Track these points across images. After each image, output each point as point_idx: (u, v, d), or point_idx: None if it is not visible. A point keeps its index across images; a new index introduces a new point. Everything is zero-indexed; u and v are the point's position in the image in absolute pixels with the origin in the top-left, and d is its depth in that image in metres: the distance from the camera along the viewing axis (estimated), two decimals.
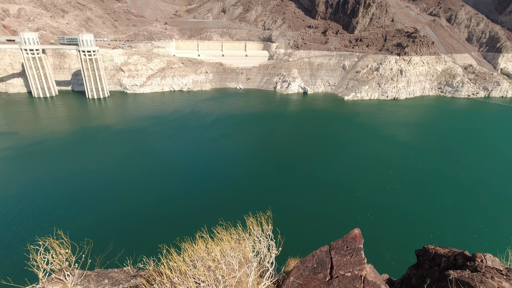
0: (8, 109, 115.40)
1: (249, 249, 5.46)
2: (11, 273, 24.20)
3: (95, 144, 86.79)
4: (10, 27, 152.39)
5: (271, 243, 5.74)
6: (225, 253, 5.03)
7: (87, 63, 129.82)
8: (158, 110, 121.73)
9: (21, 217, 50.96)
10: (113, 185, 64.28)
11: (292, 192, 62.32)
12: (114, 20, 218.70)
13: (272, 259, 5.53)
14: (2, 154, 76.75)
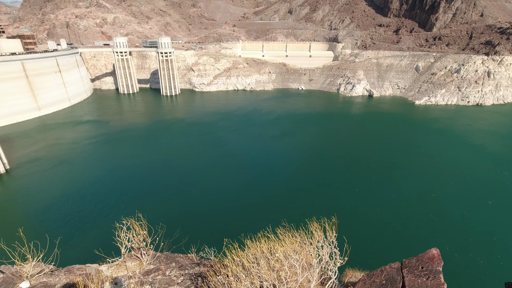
0: (101, 103, 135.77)
1: (312, 255, 5.38)
2: (102, 246, 28.23)
3: (170, 134, 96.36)
4: (107, 33, 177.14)
5: (334, 250, 5.56)
6: (288, 255, 5.04)
7: (164, 63, 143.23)
8: (223, 107, 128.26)
9: (110, 197, 58.79)
10: (185, 173, 69.72)
11: (359, 199, 58.92)
12: (189, 24, 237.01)
13: (335, 268, 5.35)
14: (98, 139, 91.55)
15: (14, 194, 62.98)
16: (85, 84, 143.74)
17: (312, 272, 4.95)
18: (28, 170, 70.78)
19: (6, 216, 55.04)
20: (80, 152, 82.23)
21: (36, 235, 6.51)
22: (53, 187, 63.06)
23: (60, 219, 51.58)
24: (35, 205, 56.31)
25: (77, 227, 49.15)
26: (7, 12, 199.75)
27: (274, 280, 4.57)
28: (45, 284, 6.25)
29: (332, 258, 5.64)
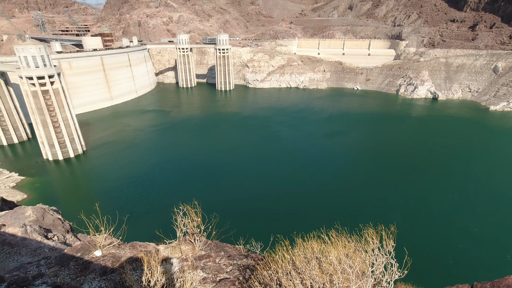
0: (163, 95, 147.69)
1: (367, 263, 5.13)
2: (161, 227, 31.16)
3: (226, 127, 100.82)
4: (172, 31, 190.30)
5: (391, 261, 5.22)
6: (341, 260, 4.89)
7: (220, 59, 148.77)
8: (275, 104, 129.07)
9: (170, 182, 63.70)
10: (240, 166, 72.02)
11: (420, 208, 54.37)
12: (247, 21, 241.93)
13: (392, 280, 5.02)
14: (161, 127, 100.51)
15: (90, 172, 72.30)
16: (150, 78, 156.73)
17: (365, 282, 4.73)
18: (100, 152, 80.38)
19: (84, 191, 63.33)
20: (145, 138, 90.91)
21: (108, 211, 7.37)
22: (121, 168, 70.72)
23: (127, 198, 57.36)
24: (107, 183, 63.65)
25: (141, 207, 54.06)
26: (92, 13, 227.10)
27: (326, 284, 4.47)
28: (113, 255, 7.01)
29: (387, 269, 5.31)
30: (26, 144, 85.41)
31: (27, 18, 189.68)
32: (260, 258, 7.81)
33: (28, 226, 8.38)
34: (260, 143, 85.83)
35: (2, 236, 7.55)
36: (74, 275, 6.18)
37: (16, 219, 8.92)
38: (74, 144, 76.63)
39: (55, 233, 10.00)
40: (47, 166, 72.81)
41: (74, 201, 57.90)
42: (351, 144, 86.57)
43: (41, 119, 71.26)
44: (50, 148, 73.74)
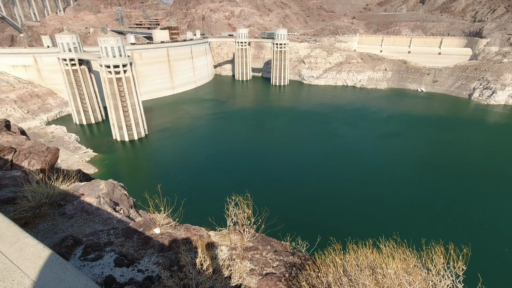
0: (219, 86, 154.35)
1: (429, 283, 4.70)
2: (213, 213, 32.66)
3: (282, 120, 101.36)
4: (232, 25, 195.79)
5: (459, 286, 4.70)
6: (400, 274, 4.55)
7: (277, 54, 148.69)
8: (330, 101, 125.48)
9: (225, 171, 66.13)
10: (295, 161, 71.26)
11: (501, 229, 48.12)
12: (307, 16, 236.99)
13: None
14: (217, 115, 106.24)
15: (150, 153, 79.42)
16: (209, 70, 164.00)
17: None
18: (161, 136, 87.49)
19: (145, 171, 69.65)
20: (202, 125, 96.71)
21: (167, 192, 7.93)
22: (179, 153, 75.99)
23: (184, 181, 61.13)
24: (166, 166, 68.97)
25: (195, 192, 57.21)
26: (163, 8, 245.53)
27: None
28: (170, 234, 7.57)
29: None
30: (100, 125, 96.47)
31: (110, 13, 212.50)
32: (307, 258, 7.70)
33: (101, 198, 9.36)
34: (315, 139, 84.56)
35: (81, 203, 8.56)
36: (137, 247, 6.83)
37: (92, 190, 9.99)
38: (138, 127, 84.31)
39: (121, 206, 11.03)
40: (115, 146, 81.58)
41: (136, 179, 64.07)
42: (413, 148, 79.91)
43: (113, 103, 79.83)
44: (119, 130, 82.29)
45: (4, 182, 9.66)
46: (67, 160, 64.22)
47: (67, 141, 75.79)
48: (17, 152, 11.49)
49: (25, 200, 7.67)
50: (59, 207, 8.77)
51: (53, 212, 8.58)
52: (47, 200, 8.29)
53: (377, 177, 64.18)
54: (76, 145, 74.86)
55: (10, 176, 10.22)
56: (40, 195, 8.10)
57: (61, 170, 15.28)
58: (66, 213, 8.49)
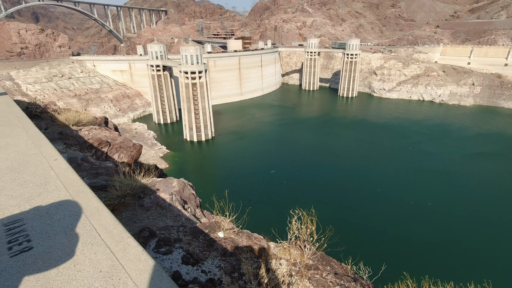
0: (286, 95, 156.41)
1: None
2: (274, 225, 31.81)
3: (349, 132, 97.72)
4: (303, 35, 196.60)
5: None
6: None
7: (347, 65, 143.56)
8: (404, 116, 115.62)
9: (290, 181, 63.98)
10: (369, 178, 65.96)
11: None
12: (383, 25, 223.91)
13: None
14: (283, 123, 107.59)
15: (216, 155, 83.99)
16: (277, 78, 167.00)
17: None
18: (226, 139, 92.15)
19: (210, 172, 73.32)
20: (267, 132, 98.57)
21: (232, 196, 8.16)
22: (243, 157, 77.78)
23: (247, 187, 60.91)
24: (230, 169, 70.75)
25: (257, 199, 56.26)
26: (239, 20, 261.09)
27: None
28: (232, 240, 7.77)
29: None
30: (174, 125, 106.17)
31: (193, 25, 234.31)
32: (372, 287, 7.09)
33: (173, 195, 10.10)
34: (392, 155, 78.25)
35: (157, 198, 9.27)
36: (202, 248, 7.20)
37: (166, 187, 10.86)
38: (206, 129, 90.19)
39: (189, 205, 11.76)
40: (185, 145, 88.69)
41: (201, 177, 68.20)
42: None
43: (187, 106, 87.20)
44: (189, 130, 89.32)
45: (100, 171, 11.18)
46: (145, 154, 72.18)
47: (146, 137, 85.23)
48: (111, 146, 13.35)
49: (113, 189, 8.69)
50: (138, 199, 9.77)
51: (133, 202, 9.54)
52: (130, 192, 9.24)
53: (471, 205, 55.12)
54: (153, 142, 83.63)
55: (104, 166, 11.78)
56: (125, 186, 9.08)
57: (142, 165, 17.16)
58: (144, 205, 9.41)
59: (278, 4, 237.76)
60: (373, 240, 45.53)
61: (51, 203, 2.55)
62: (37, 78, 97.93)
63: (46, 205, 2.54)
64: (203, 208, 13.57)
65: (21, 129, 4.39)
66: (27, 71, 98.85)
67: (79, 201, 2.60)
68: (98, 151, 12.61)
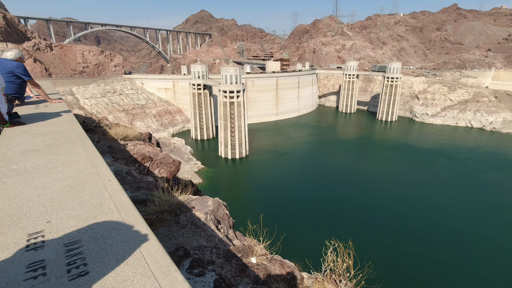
0: (322, 116, 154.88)
1: None
2: (307, 254, 29.93)
3: (391, 158, 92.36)
4: (342, 57, 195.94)
5: None
6: None
7: (387, 88, 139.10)
8: (452, 143, 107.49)
9: (326, 208, 59.39)
10: (416, 207, 59.97)
11: None
12: (427, 49, 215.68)
13: None
14: (318, 144, 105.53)
15: (249, 174, 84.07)
16: (313, 100, 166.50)
17: None
18: (260, 157, 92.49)
19: (243, 191, 72.93)
20: (302, 152, 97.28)
21: (267, 219, 7.99)
22: (278, 177, 76.39)
23: (280, 209, 57.96)
24: (263, 189, 68.97)
25: (290, 222, 53.29)
26: (278, 43, 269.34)
27: None
28: (265, 267, 7.56)
29: None
30: (210, 141, 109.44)
31: (234, 47, 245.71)
32: None
33: (208, 215, 10.18)
34: (448, 183, 71.36)
35: (192, 217, 9.39)
36: (234, 273, 7.09)
37: (201, 205, 11.01)
38: (241, 147, 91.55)
39: (222, 225, 11.76)
40: (219, 161, 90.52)
41: (233, 196, 68.22)
42: None
43: (224, 124, 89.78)
44: (224, 147, 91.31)
45: (142, 185, 11.70)
46: (181, 168, 74.70)
47: (183, 152, 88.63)
48: (153, 161, 14.03)
49: (152, 204, 8.99)
50: (175, 216, 10.00)
51: (170, 219, 9.76)
52: (168, 208, 9.49)
53: None
54: (189, 157, 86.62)
55: (145, 181, 12.33)
56: (164, 202, 9.37)
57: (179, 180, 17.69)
58: (180, 222, 9.59)
59: (317, 28, 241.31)
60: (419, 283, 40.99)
61: (105, 226, 2.64)
62: (93, 94, 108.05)
63: (101, 227, 2.61)
64: (236, 229, 13.51)
65: (81, 147, 4.74)
66: (86, 87, 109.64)
67: (130, 226, 2.64)
68: (141, 166, 13.31)
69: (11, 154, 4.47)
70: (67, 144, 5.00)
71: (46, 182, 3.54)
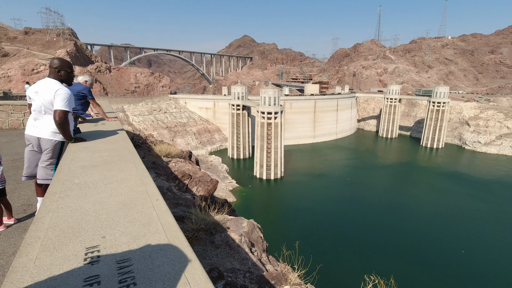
0: (361, 140, 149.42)
1: None
2: (342, 284, 27.98)
3: (441, 189, 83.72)
4: (384, 81, 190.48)
5: None
6: None
7: (433, 113, 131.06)
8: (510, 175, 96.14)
9: (365, 238, 55.35)
10: (472, 246, 53.20)
11: None
12: (478, 72, 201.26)
13: None
14: (356, 168, 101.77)
15: (284, 196, 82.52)
16: (352, 123, 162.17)
17: None
18: (295, 179, 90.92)
19: (277, 214, 71.25)
20: (339, 176, 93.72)
21: (303, 247, 7.70)
22: (313, 201, 73.57)
23: (317, 235, 55.20)
24: (299, 213, 66.31)
25: (329, 252, 50.08)
26: (318, 66, 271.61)
27: None
28: None
29: None
30: (246, 161, 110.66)
31: (273, 70, 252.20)
32: None
33: (243, 237, 10.11)
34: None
35: (227, 237, 9.38)
36: None
37: (236, 227, 10.99)
38: (276, 168, 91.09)
39: (256, 248, 11.58)
40: (254, 181, 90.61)
41: (267, 218, 66.23)
42: None
43: (260, 144, 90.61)
44: (260, 168, 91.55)
45: (180, 202, 12.09)
46: None
47: (220, 170, 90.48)
48: (192, 179, 14.52)
49: (189, 222, 9.18)
50: (210, 235, 10.08)
51: (205, 238, 9.85)
52: (204, 227, 9.61)
53: None
54: (225, 175, 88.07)
55: (184, 198, 12.73)
56: (200, 221, 9.52)
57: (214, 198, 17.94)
58: (215, 242, 9.63)
59: (358, 51, 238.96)
60: None
61: (153, 246, 2.74)
62: (141, 111, 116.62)
63: (149, 247, 2.72)
64: (269, 253, 13.20)
65: (133, 165, 5.04)
66: (135, 105, 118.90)
67: (175, 248, 2.72)
68: (181, 183, 13.83)
69: (74, 168, 4.94)
70: (120, 161, 5.39)
71: (102, 197, 3.82)
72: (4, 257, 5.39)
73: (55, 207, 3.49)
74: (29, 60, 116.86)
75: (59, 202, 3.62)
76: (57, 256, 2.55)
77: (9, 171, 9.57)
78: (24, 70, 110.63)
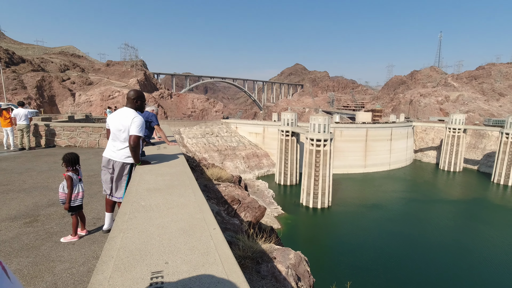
0: (418, 173, 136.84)
1: None
2: None
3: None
4: (445, 110, 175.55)
5: None
6: None
7: (506, 146, 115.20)
8: None
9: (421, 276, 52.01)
10: None
11: None
12: None
13: None
14: (411, 202, 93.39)
15: (331, 226, 77.93)
16: (408, 154, 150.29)
17: None
18: (344, 209, 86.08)
19: (324, 246, 67.00)
20: (391, 209, 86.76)
21: (343, 275, 7.11)
22: (361, 232, 69.68)
23: (367, 273, 51.52)
24: (348, 246, 62.65)
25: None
26: (370, 93, 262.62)
27: None
28: None
29: None
30: (293, 188, 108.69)
31: (324, 97, 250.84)
32: None
33: (290, 269, 9.74)
34: None
35: (273, 268, 9.12)
36: None
37: (283, 257, 10.65)
38: (324, 197, 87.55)
39: (302, 283, 11.04)
40: (299, 209, 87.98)
41: (313, 250, 62.29)
42: None
43: (308, 171, 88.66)
44: (306, 195, 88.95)
45: (228, 227, 12.23)
46: None
47: (266, 195, 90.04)
48: (241, 204, 14.70)
49: (236, 248, 9.15)
50: (256, 264, 9.91)
51: (252, 266, 9.69)
52: (251, 255, 9.49)
53: None
54: (271, 200, 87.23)
55: (232, 223, 12.85)
56: (247, 248, 9.44)
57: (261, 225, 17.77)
58: (261, 272, 9.42)
59: (416, 78, 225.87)
60: None
61: (211, 277, 2.79)
62: (195, 134, 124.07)
63: (208, 279, 2.78)
64: None
65: (191, 191, 5.31)
66: (190, 129, 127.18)
67: (233, 284, 2.74)
68: (230, 207, 14.08)
69: (140, 190, 5.40)
70: (180, 186, 5.74)
71: (164, 222, 4.08)
72: (76, 265, 5.98)
73: (125, 228, 3.83)
74: (107, 88, 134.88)
75: (129, 223, 3.96)
76: (127, 277, 2.77)
77: (84, 186, 10.83)
78: (102, 96, 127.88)
